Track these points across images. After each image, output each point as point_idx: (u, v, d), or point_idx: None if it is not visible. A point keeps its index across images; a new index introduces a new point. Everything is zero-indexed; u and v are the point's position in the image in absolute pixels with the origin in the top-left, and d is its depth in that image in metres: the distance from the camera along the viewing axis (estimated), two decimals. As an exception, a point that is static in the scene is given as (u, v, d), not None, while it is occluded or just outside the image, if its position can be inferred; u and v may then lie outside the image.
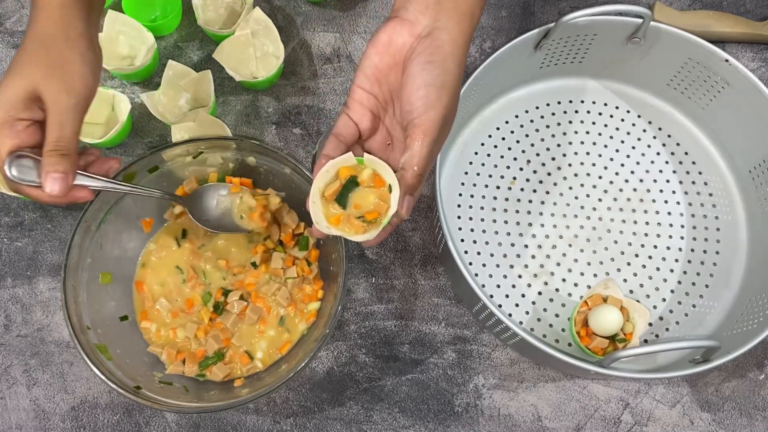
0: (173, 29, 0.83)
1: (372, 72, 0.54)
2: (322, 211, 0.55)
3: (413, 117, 0.51)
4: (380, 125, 0.56)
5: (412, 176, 0.52)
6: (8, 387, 0.73)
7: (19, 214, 0.77)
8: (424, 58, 0.52)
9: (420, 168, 0.52)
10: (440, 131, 0.52)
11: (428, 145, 0.51)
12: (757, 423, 0.73)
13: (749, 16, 0.86)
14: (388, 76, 0.54)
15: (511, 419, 0.72)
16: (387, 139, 0.56)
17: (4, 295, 0.75)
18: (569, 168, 0.79)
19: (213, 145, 0.71)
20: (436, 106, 0.51)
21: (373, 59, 0.54)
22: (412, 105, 0.52)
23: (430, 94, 0.51)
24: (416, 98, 0.51)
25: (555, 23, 0.70)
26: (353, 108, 0.55)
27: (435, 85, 0.51)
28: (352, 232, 0.54)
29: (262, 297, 0.72)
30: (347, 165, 0.54)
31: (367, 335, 0.74)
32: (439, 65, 0.52)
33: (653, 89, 0.82)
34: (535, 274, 0.76)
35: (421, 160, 0.51)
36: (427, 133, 0.51)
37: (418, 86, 0.51)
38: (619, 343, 0.69)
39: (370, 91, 0.55)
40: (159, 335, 0.71)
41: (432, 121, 0.51)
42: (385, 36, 0.54)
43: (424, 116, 0.51)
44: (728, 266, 0.76)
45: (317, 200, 0.55)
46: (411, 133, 0.51)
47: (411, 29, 0.53)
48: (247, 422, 0.72)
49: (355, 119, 0.55)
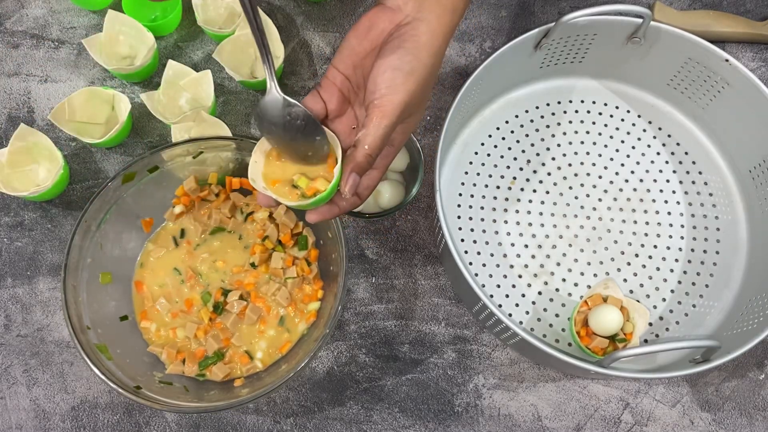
0: (173, 29, 0.83)
1: (348, 55, 0.55)
2: (262, 171, 0.55)
3: (375, 97, 0.52)
4: (349, 108, 0.57)
5: (361, 154, 0.52)
6: (8, 387, 0.73)
7: (19, 214, 0.77)
8: (397, 44, 0.52)
9: (371, 148, 0.52)
10: (399, 116, 0.52)
11: (384, 127, 0.51)
12: (757, 423, 0.73)
13: (749, 15, 0.86)
14: (364, 60, 0.55)
15: (511, 419, 0.72)
16: (353, 123, 0.57)
17: (4, 295, 0.75)
18: (569, 168, 0.79)
19: (213, 145, 0.71)
20: (399, 91, 0.51)
21: (352, 42, 0.54)
22: (376, 85, 0.52)
23: (396, 77, 0.51)
24: (381, 80, 0.52)
25: (555, 23, 0.70)
26: (324, 87, 0.55)
27: (402, 70, 0.52)
28: (287, 198, 0.54)
29: (262, 297, 0.72)
30: None
31: (367, 335, 0.74)
32: (411, 52, 0.52)
33: (653, 89, 0.81)
34: (535, 274, 0.76)
35: (374, 140, 0.51)
36: (385, 115, 0.51)
37: (384, 68, 0.52)
38: (619, 343, 0.69)
39: (344, 73, 0.55)
40: (159, 335, 0.71)
41: (392, 104, 0.51)
42: (366, 21, 0.54)
43: (386, 98, 0.51)
44: (728, 266, 0.76)
45: (259, 159, 0.55)
46: (370, 112, 0.52)
47: (392, 16, 0.54)
48: (247, 422, 0.72)
49: (324, 98, 0.55)
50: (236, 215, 0.74)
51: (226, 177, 0.74)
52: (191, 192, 0.73)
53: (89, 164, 0.79)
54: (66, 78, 0.82)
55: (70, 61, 0.82)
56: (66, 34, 0.83)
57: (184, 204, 0.74)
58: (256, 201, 0.57)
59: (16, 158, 0.74)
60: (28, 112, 0.80)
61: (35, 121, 0.80)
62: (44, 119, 0.80)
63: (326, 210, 0.55)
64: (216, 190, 0.74)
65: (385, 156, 0.56)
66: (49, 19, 0.83)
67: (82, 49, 0.82)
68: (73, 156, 0.79)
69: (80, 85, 0.81)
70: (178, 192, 0.74)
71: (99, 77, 0.82)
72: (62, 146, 0.79)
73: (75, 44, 0.83)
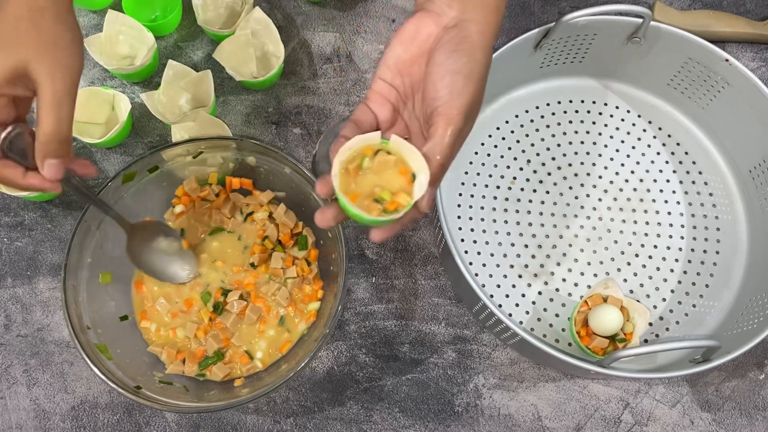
0: (173, 29, 0.83)
1: (394, 63, 0.53)
2: (339, 186, 0.51)
3: (437, 105, 0.50)
4: (398, 119, 0.55)
5: (434, 166, 0.49)
6: (8, 387, 0.73)
7: (19, 214, 0.77)
8: (450, 47, 0.51)
9: (443, 157, 0.49)
10: (465, 121, 0.50)
11: (452, 134, 0.49)
12: (757, 423, 0.73)
13: (749, 15, 0.86)
14: (411, 68, 0.53)
15: (512, 419, 0.72)
16: (405, 133, 0.54)
17: (4, 295, 0.75)
18: (569, 168, 0.79)
19: (213, 145, 0.71)
20: (462, 94, 0.50)
21: (397, 50, 0.53)
22: (437, 92, 0.50)
23: (456, 81, 0.50)
24: (441, 86, 0.50)
25: (555, 23, 0.70)
26: (373, 99, 0.53)
27: (462, 73, 0.50)
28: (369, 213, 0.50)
29: (262, 297, 0.72)
30: (373, 144, 0.51)
31: (367, 335, 0.74)
32: (466, 54, 0.50)
33: (653, 89, 0.81)
34: (535, 274, 0.76)
35: (445, 149, 0.49)
36: (451, 122, 0.49)
37: (443, 74, 0.50)
38: (619, 343, 0.69)
39: (392, 82, 0.53)
40: (158, 335, 0.71)
41: (457, 109, 0.49)
42: (411, 27, 0.52)
43: (449, 104, 0.49)
44: (728, 266, 0.76)
45: (338, 173, 0.50)
46: (435, 121, 0.50)
47: (438, 20, 0.52)
48: (247, 422, 0.72)
49: (374, 109, 0.53)
50: (236, 215, 0.74)
51: (226, 177, 0.74)
52: (191, 192, 0.73)
53: (89, 164, 0.79)
54: (66, 78, 0.81)
55: (70, 61, 0.82)
56: (66, 34, 0.83)
57: (184, 204, 0.74)
58: (316, 222, 0.53)
59: (16, 158, 0.74)
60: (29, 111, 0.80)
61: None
62: (44, 119, 0.80)
63: (393, 228, 0.52)
64: (216, 190, 0.74)
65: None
66: (49, 19, 0.83)
67: (82, 49, 0.82)
68: (73, 156, 0.79)
69: (80, 85, 0.81)
70: (178, 192, 0.74)
71: (99, 77, 0.82)
72: (62, 146, 0.78)
73: (75, 44, 0.82)
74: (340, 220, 0.52)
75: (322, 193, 0.51)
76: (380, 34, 0.84)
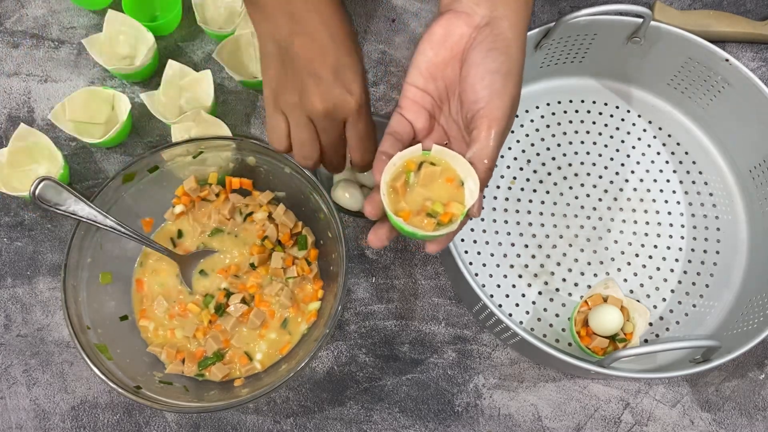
0: (173, 29, 0.83)
1: (426, 67, 0.51)
2: (390, 206, 0.49)
3: (479, 107, 0.48)
4: (435, 125, 0.53)
5: (482, 170, 0.48)
6: (8, 387, 0.73)
7: (19, 213, 0.77)
8: (486, 46, 0.49)
9: (490, 160, 0.48)
10: (508, 120, 0.49)
11: (497, 135, 0.48)
12: (758, 423, 0.73)
13: (749, 15, 0.86)
14: (444, 70, 0.51)
15: (512, 419, 0.72)
16: (444, 139, 0.53)
17: (4, 295, 0.75)
18: (569, 168, 0.79)
19: (213, 145, 0.71)
20: (502, 94, 0.48)
21: (428, 54, 0.51)
22: (476, 94, 0.48)
23: (496, 81, 0.48)
24: (481, 87, 0.48)
25: (555, 23, 0.70)
26: (406, 107, 0.52)
27: (500, 72, 0.48)
28: (426, 229, 0.49)
29: (266, 300, 0.71)
30: (415, 157, 0.50)
31: (367, 335, 0.74)
32: (503, 52, 0.49)
33: (653, 89, 0.81)
34: (536, 274, 0.76)
35: (491, 151, 0.48)
36: (494, 123, 0.48)
37: (482, 74, 0.48)
38: (620, 343, 0.69)
39: (424, 88, 0.52)
40: (157, 334, 0.71)
41: (499, 110, 0.48)
42: (440, 29, 0.51)
43: (491, 105, 0.48)
44: (728, 266, 0.76)
45: (386, 192, 0.49)
46: (478, 124, 0.48)
47: (468, 20, 0.50)
48: (247, 422, 0.72)
49: (410, 118, 0.52)
50: (235, 216, 0.74)
51: (225, 177, 0.74)
52: (191, 192, 0.73)
53: (89, 164, 0.79)
54: (66, 78, 0.82)
55: (70, 61, 0.82)
56: (66, 34, 0.83)
57: (184, 204, 0.74)
58: (370, 243, 0.53)
59: (16, 158, 0.74)
60: (28, 112, 0.80)
61: (35, 121, 0.80)
62: (44, 119, 0.80)
63: (446, 238, 0.51)
64: (216, 190, 0.74)
65: None
66: (49, 18, 0.83)
67: (82, 49, 0.82)
68: (73, 156, 0.79)
69: (80, 85, 0.81)
70: (178, 192, 0.74)
71: (99, 77, 0.82)
72: (62, 146, 0.78)
73: (75, 44, 0.83)
74: (393, 236, 0.52)
75: (372, 215, 0.50)
76: (380, 34, 0.84)
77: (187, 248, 0.74)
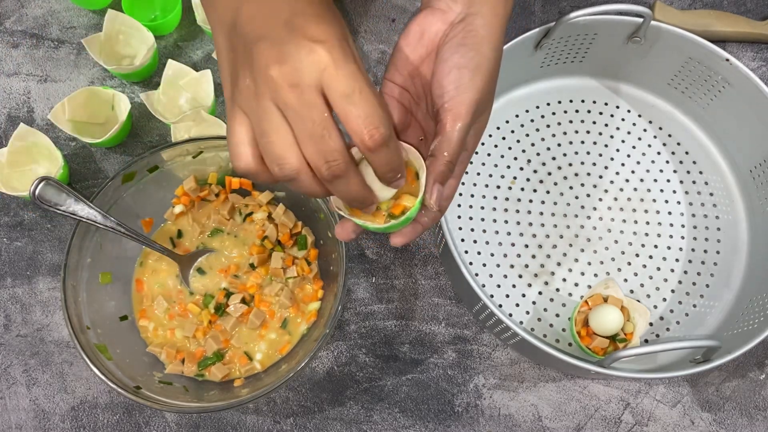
0: (173, 29, 0.83)
1: (403, 65, 0.51)
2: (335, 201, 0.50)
3: (444, 101, 0.48)
4: (413, 121, 0.53)
5: (441, 163, 0.48)
6: (8, 387, 0.73)
7: (19, 214, 0.77)
8: (456, 42, 0.49)
9: (450, 154, 0.48)
10: (473, 116, 0.49)
11: (460, 129, 0.48)
12: (758, 423, 0.73)
13: (750, 15, 0.85)
14: (421, 68, 0.51)
15: (512, 419, 0.72)
16: (420, 135, 0.53)
17: (4, 295, 0.75)
18: (569, 168, 0.79)
19: (213, 145, 0.71)
20: (468, 89, 0.48)
21: (404, 51, 0.51)
22: (442, 88, 0.48)
23: (463, 76, 0.48)
24: (447, 81, 0.48)
25: (555, 22, 0.70)
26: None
27: (468, 68, 0.48)
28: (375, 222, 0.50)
29: (266, 300, 0.71)
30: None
31: (367, 335, 0.74)
32: (472, 48, 0.49)
33: (654, 89, 0.81)
34: (536, 274, 0.76)
35: (452, 144, 0.48)
36: (458, 117, 0.48)
37: (449, 69, 0.48)
38: (620, 343, 0.69)
39: (402, 84, 0.52)
40: (156, 334, 0.71)
41: (464, 104, 0.48)
42: (416, 27, 0.51)
43: (456, 99, 0.48)
44: (729, 266, 0.76)
45: None
46: (441, 117, 0.48)
47: (444, 17, 0.51)
48: (247, 422, 0.72)
49: None
50: (235, 216, 0.74)
51: (225, 177, 0.74)
52: (191, 192, 0.73)
53: (89, 164, 0.79)
54: (66, 78, 0.82)
55: (69, 61, 0.82)
56: (66, 34, 0.83)
57: (184, 204, 0.74)
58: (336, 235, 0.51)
59: (15, 158, 0.74)
60: (28, 111, 0.80)
61: (35, 121, 0.80)
62: (44, 119, 0.80)
63: (411, 231, 0.50)
64: (216, 190, 0.74)
65: (461, 162, 0.52)
66: (48, 18, 0.83)
67: (81, 49, 0.82)
68: (73, 156, 0.79)
69: (80, 85, 0.81)
70: (178, 192, 0.74)
71: (99, 77, 0.82)
72: (62, 146, 0.78)
73: (75, 44, 0.83)
74: (359, 231, 0.51)
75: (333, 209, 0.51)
76: (380, 34, 0.84)
77: (187, 248, 0.74)
